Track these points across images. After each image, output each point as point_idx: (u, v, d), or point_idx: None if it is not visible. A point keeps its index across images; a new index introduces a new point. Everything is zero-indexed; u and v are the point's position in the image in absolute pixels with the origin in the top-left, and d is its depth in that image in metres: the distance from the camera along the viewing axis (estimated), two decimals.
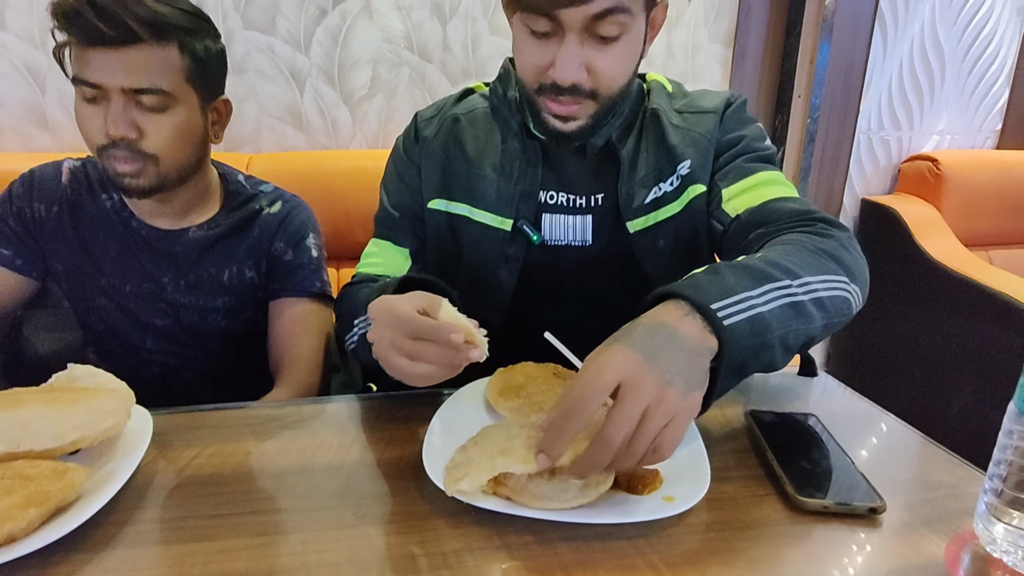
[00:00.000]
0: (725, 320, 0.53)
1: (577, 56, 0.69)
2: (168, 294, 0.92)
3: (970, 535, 0.51)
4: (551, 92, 0.73)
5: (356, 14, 1.51)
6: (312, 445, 0.62)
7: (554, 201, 0.84)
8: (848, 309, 0.65)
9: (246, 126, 1.54)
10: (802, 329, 0.58)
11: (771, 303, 0.57)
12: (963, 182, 1.70)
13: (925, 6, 1.73)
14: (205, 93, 0.86)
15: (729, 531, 0.51)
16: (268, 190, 1.00)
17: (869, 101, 1.79)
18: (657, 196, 0.81)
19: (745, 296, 0.55)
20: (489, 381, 0.69)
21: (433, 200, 0.86)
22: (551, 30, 0.69)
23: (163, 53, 0.79)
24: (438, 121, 0.88)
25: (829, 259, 0.64)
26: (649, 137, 0.83)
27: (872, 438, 0.67)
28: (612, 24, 0.68)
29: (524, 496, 0.50)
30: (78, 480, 0.49)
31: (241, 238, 0.94)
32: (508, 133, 0.84)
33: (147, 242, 0.92)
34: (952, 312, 1.44)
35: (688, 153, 0.81)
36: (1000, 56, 1.83)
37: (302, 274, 0.96)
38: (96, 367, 0.64)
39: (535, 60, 0.72)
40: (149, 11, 0.77)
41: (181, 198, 0.91)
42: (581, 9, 0.66)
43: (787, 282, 0.58)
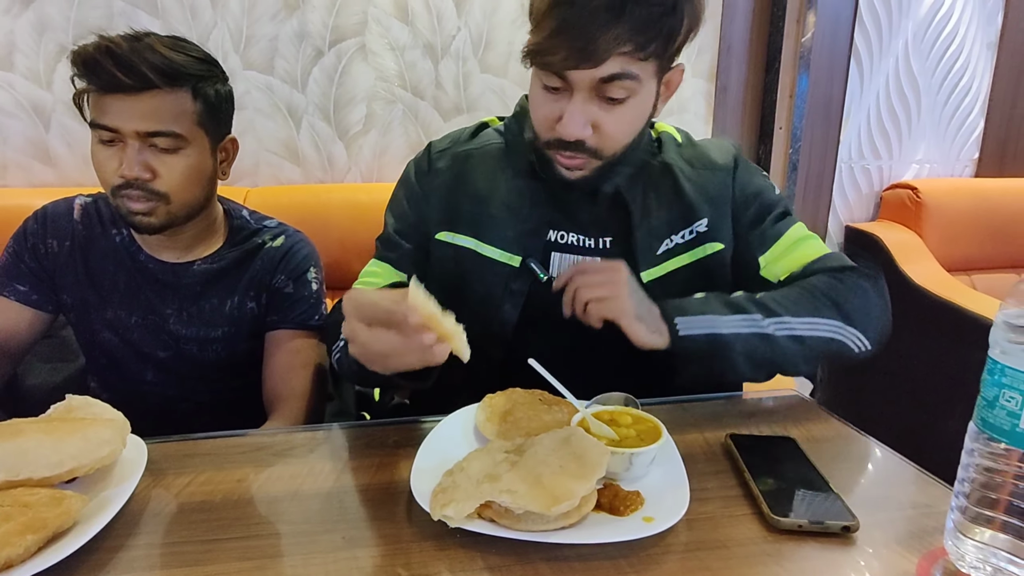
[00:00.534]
0: (681, 331, 0.72)
1: (583, 114, 0.73)
2: (170, 325, 0.94)
3: (941, 552, 0.52)
4: (557, 147, 0.76)
5: (351, 55, 1.57)
6: (303, 472, 0.63)
7: (564, 241, 0.86)
8: (841, 348, 0.76)
9: (244, 161, 1.59)
10: (768, 354, 0.74)
11: (733, 327, 0.73)
12: (943, 209, 1.75)
13: (898, 41, 1.81)
14: (215, 134, 0.90)
15: (706, 550, 0.52)
16: (272, 225, 1.02)
17: (849, 132, 1.85)
18: (669, 247, 0.85)
19: (712, 319, 0.73)
20: (478, 407, 0.71)
21: (440, 232, 0.87)
22: (562, 86, 0.73)
23: (176, 98, 0.83)
24: (450, 155, 0.90)
25: (825, 303, 0.76)
26: (662, 189, 0.86)
27: (849, 459, 0.69)
28: (619, 88, 0.72)
29: (508, 518, 0.52)
30: (74, 507, 0.51)
31: (243, 271, 0.96)
32: (521, 171, 0.86)
33: (154, 275, 0.94)
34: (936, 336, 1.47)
35: (705, 211, 0.85)
36: (974, 87, 1.90)
37: (302, 307, 0.97)
38: (97, 398, 0.66)
39: (546, 112, 0.76)
40: (163, 59, 0.81)
41: (188, 233, 0.94)
42: (588, 72, 0.70)
43: (758, 317, 0.74)
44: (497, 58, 1.63)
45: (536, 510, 0.50)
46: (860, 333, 0.76)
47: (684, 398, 0.80)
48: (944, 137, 1.92)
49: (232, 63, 1.53)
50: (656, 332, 0.72)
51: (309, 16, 1.53)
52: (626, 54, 0.69)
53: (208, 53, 0.90)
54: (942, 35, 1.83)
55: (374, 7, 1.55)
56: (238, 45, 1.52)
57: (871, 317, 0.78)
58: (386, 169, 1.65)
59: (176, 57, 0.83)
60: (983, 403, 0.48)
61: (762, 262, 0.85)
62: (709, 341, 0.72)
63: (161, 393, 0.97)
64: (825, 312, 0.76)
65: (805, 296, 0.77)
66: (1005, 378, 0.46)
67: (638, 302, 0.73)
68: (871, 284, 0.80)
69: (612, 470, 0.59)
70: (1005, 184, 1.88)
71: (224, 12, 1.50)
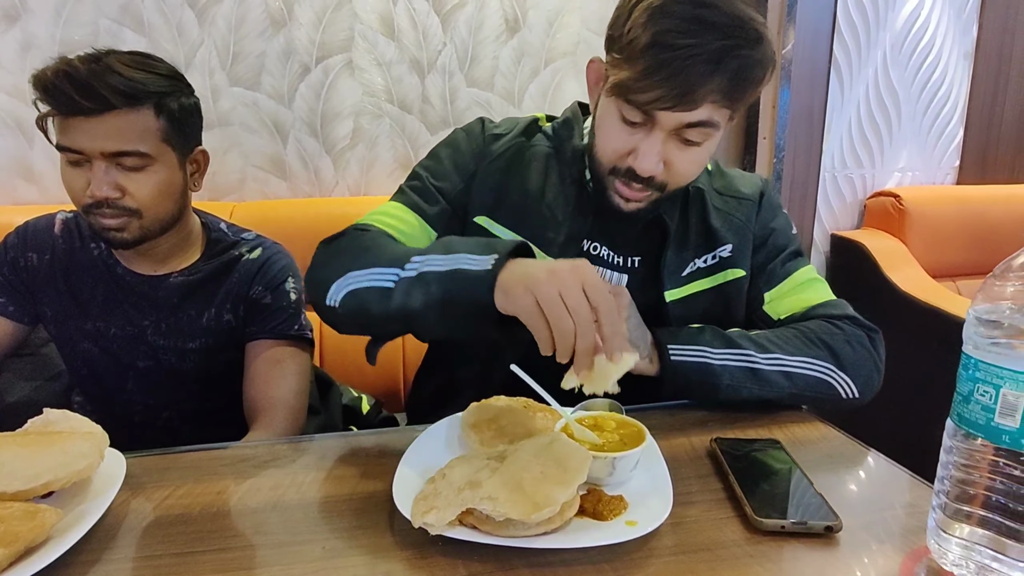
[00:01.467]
0: (673, 356, 0.75)
1: (660, 152, 0.74)
2: (148, 336, 0.95)
3: (924, 551, 0.52)
4: (625, 177, 0.77)
5: (338, 70, 1.58)
6: (284, 482, 0.63)
7: (596, 253, 0.87)
8: (828, 389, 0.78)
9: (231, 176, 1.59)
10: (756, 387, 0.76)
11: (723, 360, 0.75)
12: (925, 216, 1.77)
13: (876, 52, 1.84)
14: (182, 149, 0.90)
15: (690, 553, 0.52)
16: (250, 237, 1.02)
17: (832, 141, 1.87)
18: (692, 271, 0.86)
19: (704, 350, 0.76)
20: (462, 415, 0.71)
21: (480, 216, 0.86)
22: (642, 122, 0.73)
23: (139, 117, 0.84)
24: (508, 141, 0.88)
25: (822, 348, 0.79)
26: (692, 214, 0.87)
27: (833, 460, 0.69)
28: (700, 133, 0.73)
29: (489, 524, 0.51)
30: (48, 521, 0.50)
31: (220, 283, 0.97)
32: (566, 178, 0.86)
33: (131, 287, 0.95)
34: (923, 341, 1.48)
35: (729, 238, 0.87)
36: (952, 96, 1.93)
37: (280, 317, 0.97)
38: (81, 409, 0.65)
39: (619, 145, 0.76)
40: (123, 80, 0.81)
41: (164, 246, 0.94)
42: (677, 115, 0.71)
43: (750, 352, 0.76)
44: (483, 72, 1.65)
45: (517, 517, 0.49)
46: (851, 380, 0.78)
47: (670, 404, 0.80)
48: (925, 145, 1.95)
49: (219, 79, 1.53)
50: (647, 359, 0.76)
51: (296, 33, 1.54)
52: (716, 102, 0.71)
53: (173, 67, 0.90)
54: (919, 46, 1.86)
55: (360, 24, 1.57)
56: (225, 62, 1.53)
57: (863, 367, 0.79)
58: (373, 183, 1.66)
59: (137, 75, 0.83)
60: (958, 399, 0.48)
61: (767, 297, 0.88)
62: (698, 370, 0.75)
63: (143, 403, 0.97)
64: (819, 354, 0.78)
65: (800, 337, 0.79)
66: (978, 372, 0.47)
67: (634, 327, 0.76)
68: (867, 337, 0.82)
69: (595, 475, 0.59)
70: (986, 191, 1.91)
71: (211, 29, 1.51)
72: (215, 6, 1.50)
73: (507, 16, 1.63)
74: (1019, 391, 0.44)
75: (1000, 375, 0.45)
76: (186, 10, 1.49)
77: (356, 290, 0.69)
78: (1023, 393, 0.44)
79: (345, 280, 0.70)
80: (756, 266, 0.89)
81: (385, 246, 0.74)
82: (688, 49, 0.67)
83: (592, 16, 1.67)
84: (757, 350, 0.77)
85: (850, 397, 0.79)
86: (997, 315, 0.46)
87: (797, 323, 0.84)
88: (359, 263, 0.70)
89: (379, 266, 0.69)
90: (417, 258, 0.67)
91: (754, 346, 0.77)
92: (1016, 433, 0.45)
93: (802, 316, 0.85)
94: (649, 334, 0.77)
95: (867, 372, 0.80)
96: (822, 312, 0.84)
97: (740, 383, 0.75)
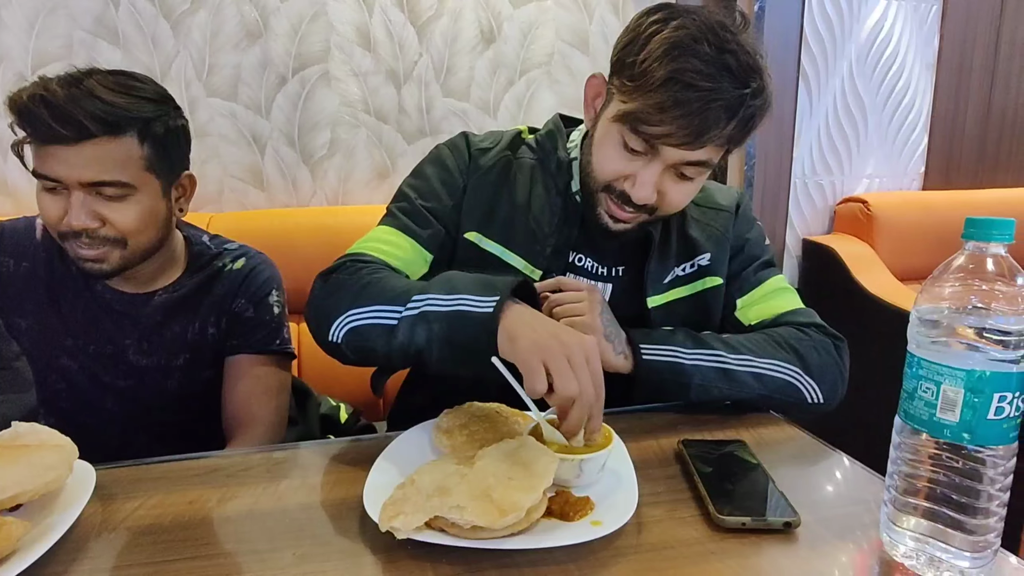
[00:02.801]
0: (644, 355, 0.76)
1: (657, 182, 0.76)
2: (129, 356, 0.91)
3: (877, 544, 0.54)
4: (618, 198, 0.79)
5: (315, 81, 1.59)
6: (257, 491, 0.63)
7: (581, 264, 0.89)
8: (795, 392, 0.80)
9: (208, 187, 1.58)
10: (726, 387, 0.78)
11: (694, 359, 0.77)
12: (892, 221, 1.82)
13: (843, 63, 1.90)
14: (167, 176, 0.86)
15: (654, 551, 0.53)
16: (233, 248, 0.99)
17: (801, 149, 1.92)
18: (672, 279, 0.89)
19: (675, 350, 0.78)
20: (435, 421, 0.72)
21: (470, 232, 0.86)
22: (644, 151, 0.75)
23: (120, 146, 0.79)
24: (495, 156, 0.89)
25: (790, 352, 0.81)
26: (673, 225, 0.90)
27: (796, 459, 0.71)
28: (696, 170, 0.76)
29: (456, 528, 0.52)
30: (15, 533, 0.50)
31: (204, 296, 0.94)
32: (551, 190, 0.88)
33: (111, 306, 0.91)
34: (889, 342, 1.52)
35: (708, 247, 0.90)
36: (916, 105, 1.99)
37: (263, 331, 0.95)
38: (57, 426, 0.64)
39: (618, 169, 0.78)
40: (103, 106, 0.77)
41: (148, 269, 0.91)
42: (682, 152, 0.73)
43: (721, 353, 0.78)
44: (459, 83, 1.67)
45: (483, 524, 0.50)
46: (817, 385, 0.80)
47: (640, 408, 0.82)
48: (891, 152, 2.01)
49: (195, 91, 1.53)
50: (622, 354, 0.78)
51: (272, 44, 1.55)
52: (719, 145, 0.74)
53: (160, 89, 0.86)
54: (883, 57, 1.92)
55: (337, 35, 1.58)
56: (200, 73, 1.53)
57: (828, 373, 0.82)
58: (351, 193, 1.67)
59: (119, 100, 0.78)
60: (904, 395, 0.51)
61: (739, 304, 0.90)
62: (670, 369, 0.77)
63: (122, 421, 0.94)
64: (787, 358, 0.80)
65: (770, 341, 0.82)
66: (921, 370, 0.49)
67: (607, 323, 0.78)
68: (833, 346, 0.84)
69: (563, 477, 0.60)
70: (950, 196, 1.97)
71: (186, 41, 1.51)
72: (190, 17, 1.50)
73: (482, 28, 1.65)
74: (957, 387, 0.47)
75: (940, 372, 0.48)
76: (161, 21, 1.49)
77: (358, 327, 0.71)
78: (961, 389, 0.47)
79: (347, 317, 0.72)
80: (730, 274, 0.91)
81: (385, 281, 0.74)
82: (709, 93, 0.69)
83: (565, 28, 1.70)
84: (728, 351, 0.79)
85: (815, 402, 0.81)
86: (937, 315, 0.48)
87: (767, 328, 0.87)
88: (360, 300, 0.71)
89: (380, 303, 0.70)
90: (418, 296, 0.69)
91: (725, 347, 0.79)
92: (956, 427, 0.47)
93: (772, 323, 0.88)
94: (623, 333, 0.79)
95: (832, 379, 0.82)
96: (791, 319, 0.87)
97: (711, 382, 0.77)
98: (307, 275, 1.40)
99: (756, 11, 1.73)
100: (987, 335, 0.46)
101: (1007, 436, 0.47)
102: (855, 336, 0.87)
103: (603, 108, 0.80)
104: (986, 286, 0.47)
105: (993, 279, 0.47)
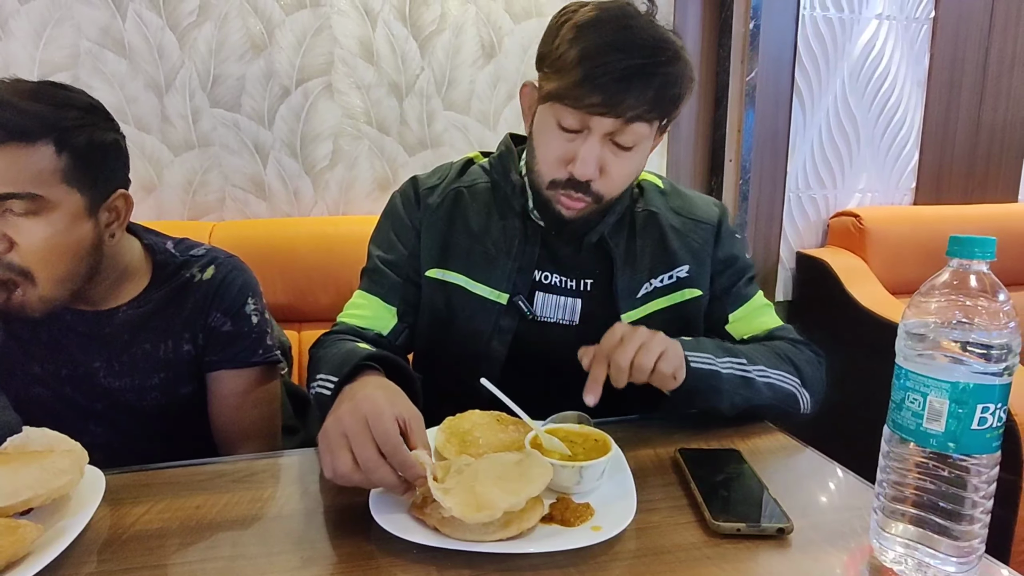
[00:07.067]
0: (691, 364, 0.76)
1: (597, 156, 0.78)
2: (101, 379, 0.85)
3: (867, 549, 0.56)
4: (564, 187, 0.81)
5: (318, 93, 1.61)
6: (262, 496, 0.64)
7: (548, 281, 0.90)
8: (794, 402, 0.84)
9: (210, 196, 1.60)
10: (747, 395, 0.79)
11: (726, 368, 0.79)
12: (884, 235, 1.85)
13: (836, 80, 1.94)
14: (93, 193, 0.76)
15: (652, 556, 0.55)
16: (200, 254, 0.91)
17: (795, 163, 1.95)
18: (649, 291, 0.90)
19: (710, 358, 0.79)
20: (437, 429, 0.73)
21: (431, 270, 0.90)
22: (579, 127, 0.78)
23: (32, 154, 0.71)
24: (442, 191, 0.92)
25: (789, 364, 0.85)
26: (647, 237, 0.91)
27: (789, 467, 0.73)
28: (631, 135, 0.78)
29: (448, 527, 0.54)
30: (29, 536, 0.51)
31: (175, 311, 0.87)
32: (509, 212, 0.90)
33: (73, 327, 0.84)
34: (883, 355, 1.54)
35: (687, 259, 0.91)
36: (907, 122, 2.03)
37: (242, 344, 0.90)
38: None
39: (559, 152, 0.80)
40: (14, 111, 0.70)
41: (99, 287, 0.83)
42: (611, 120, 0.76)
43: (744, 362, 0.81)
44: (460, 96, 1.70)
45: (458, 515, 0.52)
46: (809, 395, 0.85)
47: (638, 417, 0.84)
48: (883, 167, 2.04)
49: (199, 101, 1.56)
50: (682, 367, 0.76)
51: (276, 56, 1.58)
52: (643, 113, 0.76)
53: (93, 101, 0.78)
54: (875, 74, 1.96)
55: (340, 48, 1.61)
56: (205, 84, 1.55)
57: (817, 385, 0.87)
58: (352, 203, 1.69)
59: (32, 107, 0.71)
60: (893, 406, 0.53)
61: (731, 319, 0.93)
62: (709, 376, 0.77)
63: (105, 444, 0.84)
64: (790, 369, 0.84)
65: (774, 353, 0.86)
66: (909, 382, 0.51)
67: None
68: (817, 361, 0.89)
69: (564, 484, 0.62)
70: (941, 211, 2.00)
71: (192, 52, 1.53)
72: (196, 29, 1.53)
73: (483, 42, 1.68)
74: (943, 398, 0.49)
75: (926, 384, 0.50)
76: (167, 33, 1.51)
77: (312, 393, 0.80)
78: (946, 400, 0.49)
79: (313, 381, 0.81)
80: (720, 289, 0.93)
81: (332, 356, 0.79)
82: (619, 62, 0.73)
83: None
84: (747, 360, 0.81)
85: (805, 410, 0.85)
86: (923, 329, 0.51)
87: (762, 342, 0.89)
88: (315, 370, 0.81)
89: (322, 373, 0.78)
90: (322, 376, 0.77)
91: (744, 356, 0.82)
92: (942, 437, 0.49)
93: (764, 338, 0.91)
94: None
95: (819, 390, 0.87)
96: (780, 335, 0.91)
97: (736, 390, 0.79)
98: (308, 283, 1.44)
99: (751, 29, 1.77)
100: (970, 349, 0.48)
101: (990, 445, 0.49)
102: (847, 347, 0.90)
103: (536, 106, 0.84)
104: (969, 302, 0.49)
105: (976, 295, 0.49)
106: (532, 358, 0.87)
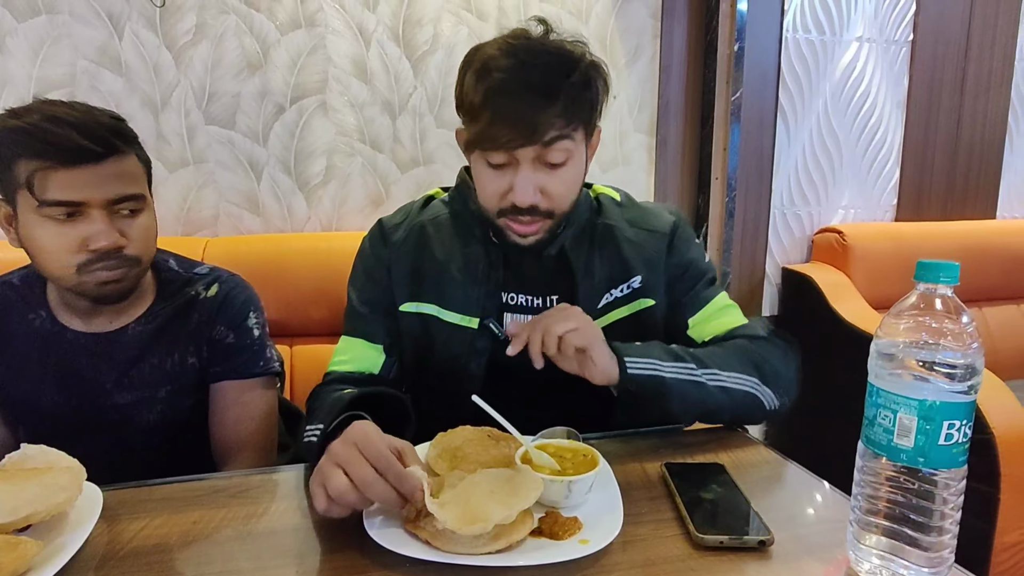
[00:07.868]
0: (629, 370, 0.78)
1: (531, 181, 0.81)
2: (113, 398, 0.89)
3: (845, 560, 0.58)
4: (512, 214, 0.84)
5: (312, 111, 1.64)
6: (257, 512, 0.66)
7: (515, 302, 0.93)
8: (755, 403, 0.84)
9: (204, 212, 1.61)
10: (699, 399, 0.80)
11: (674, 374, 0.80)
12: (867, 251, 1.90)
13: (818, 100, 1.99)
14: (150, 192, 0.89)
15: (638, 568, 0.57)
16: (203, 272, 0.98)
17: (780, 181, 2.00)
18: (608, 301, 0.92)
19: (655, 363, 0.80)
20: (429, 444, 0.75)
21: (405, 304, 0.93)
22: (507, 161, 0.81)
23: (131, 161, 0.83)
24: (406, 227, 0.96)
25: (745, 363, 0.85)
26: (604, 249, 0.94)
27: (771, 481, 0.75)
28: (559, 152, 0.80)
29: (440, 540, 0.56)
30: (29, 552, 0.52)
31: (180, 326, 0.93)
32: (471, 239, 0.92)
33: (86, 349, 0.89)
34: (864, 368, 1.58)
35: (639, 269, 0.93)
36: (888, 141, 2.09)
37: (244, 356, 0.95)
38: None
39: (495, 188, 0.83)
40: (112, 123, 0.80)
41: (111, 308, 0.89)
42: (534, 149, 0.79)
43: (692, 366, 0.81)
44: (452, 114, 1.70)
45: (451, 527, 0.54)
46: (772, 392, 0.85)
47: (625, 432, 0.86)
48: (865, 185, 2.09)
49: (194, 118, 1.57)
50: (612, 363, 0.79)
51: (271, 75, 1.60)
52: (562, 127, 0.79)
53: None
54: (856, 95, 2.02)
55: (334, 67, 1.63)
56: (200, 101, 1.57)
57: (782, 379, 0.86)
58: (345, 219, 1.70)
59: (112, 124, 0.81)
60: (866, 422, 0.55)
61: (690, 323, 0.94)
62: (652, 381, 0.79)
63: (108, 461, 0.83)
64: (747, 370, 0.84)
65: (730, 354, 0.86)
66: (880, 399, 0.54)
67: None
68: (784, 350, 0.90)
69: (553, 498, 0.63)
70: (922, 227, 2.05)
71: (188, 70, 1.55)
72: (192, 48, 1.55)
73: None
74: (912, 415, 0.51)
75: (896, 401, 0.52)
76: (163, 52, 1.54)
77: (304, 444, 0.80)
78: (915, 417, 0.51)
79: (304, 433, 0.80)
80: (677, 295, 0.95)
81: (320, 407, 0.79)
82: (517, 94, 0.76)
83: None
84: (697, 364, 0.82)
85: (772, 408, 0.85)
86: (893, 349, 0.53)
87: (721, 343, 0.90)
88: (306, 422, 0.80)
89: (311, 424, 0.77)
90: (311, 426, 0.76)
91: (694, 360, 0.82)
92: (912, 452, 0.52)
93: (724, 338, 0.92)
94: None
95: (786, 383, 0.87)
96: (741, 332, 0.91)
97: (685, 395, 0.80)
98: (300, 298, 1.46)
99: (736, 51, 1.82)
100: (936, 368, 0.51)
101: (956, 460, 0.51)
102: (831, 361, 0.92)
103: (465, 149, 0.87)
104: (935, 324, 0.51)
105: (942, 317, 0.52)
106: (509, 376, 0.88)
